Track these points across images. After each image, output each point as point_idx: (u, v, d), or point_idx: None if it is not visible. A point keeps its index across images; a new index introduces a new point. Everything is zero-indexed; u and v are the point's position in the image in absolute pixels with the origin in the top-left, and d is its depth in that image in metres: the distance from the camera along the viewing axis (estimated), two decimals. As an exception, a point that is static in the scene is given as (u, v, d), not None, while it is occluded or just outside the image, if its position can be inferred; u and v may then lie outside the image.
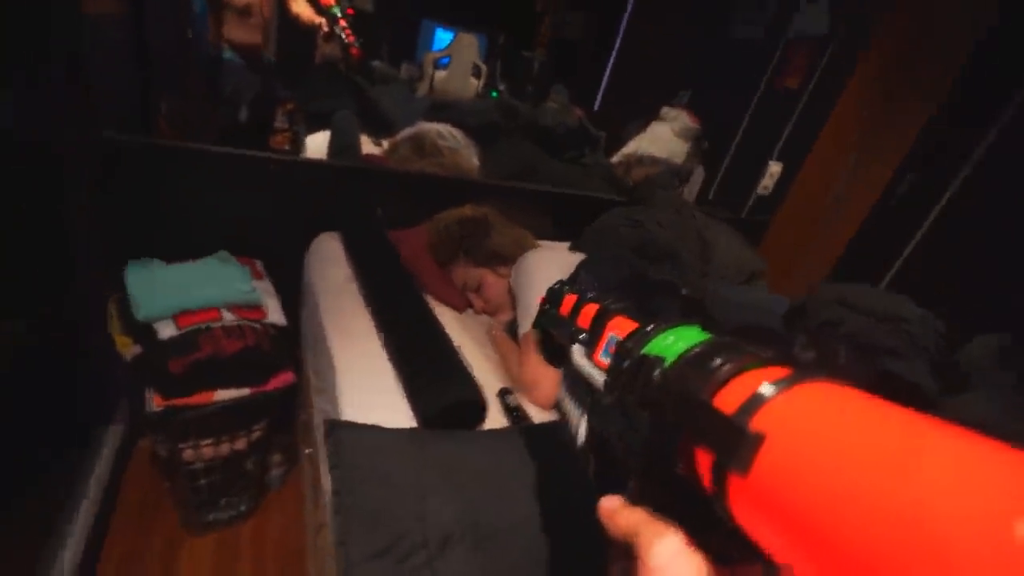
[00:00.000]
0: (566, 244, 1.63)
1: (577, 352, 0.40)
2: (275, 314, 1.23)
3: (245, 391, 1.14)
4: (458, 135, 1.98)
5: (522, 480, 0.70)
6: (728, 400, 0.23)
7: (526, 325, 1.02)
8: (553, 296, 0.51)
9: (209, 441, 1.18)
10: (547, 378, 0.98)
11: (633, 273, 1.07)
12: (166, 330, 1.07)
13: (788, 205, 2.19)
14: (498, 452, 0.72)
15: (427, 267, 1.24)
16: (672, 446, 0.26)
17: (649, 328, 0.32)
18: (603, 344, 0.38)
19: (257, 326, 1.17)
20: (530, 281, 1.07)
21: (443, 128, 1.98)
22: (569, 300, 0.48)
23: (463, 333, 1.15)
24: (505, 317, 1.18)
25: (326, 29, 2.29)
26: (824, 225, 2.22)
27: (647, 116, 3.03)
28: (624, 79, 4.10)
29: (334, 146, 1.78)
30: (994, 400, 0.88)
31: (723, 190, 3.10)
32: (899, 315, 1.08)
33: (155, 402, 1.04)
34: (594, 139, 2.44)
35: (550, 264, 1.10)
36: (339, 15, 2.24)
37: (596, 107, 4.18)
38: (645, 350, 0.30)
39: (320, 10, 2.31)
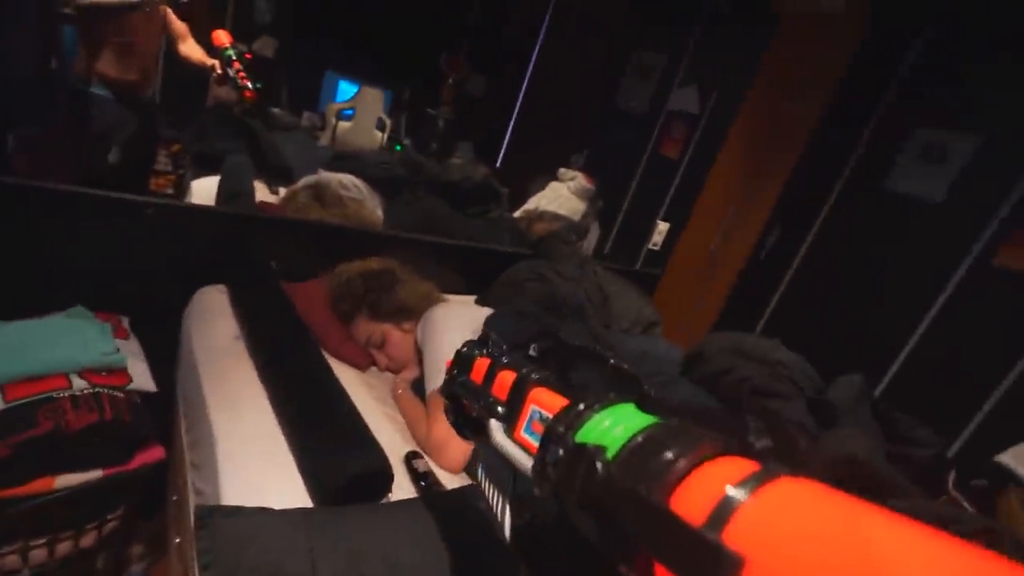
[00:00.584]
0: (472, 298, 1.63)
1: (496, 429, 0.36)
2: (142, 379, 1.07)
3: (98, 473, 0.96)
4: (361, 186, 1.94)
5: (435, 555, 0.65)
6: (690, 503, 0.21)
7: (433, 384, 0.98)
8: (463, 361, 0.47)
9: (43, 540, 0.96)
10: (456, 440, 0.93)
11: (541, 329, 1.08)
12: (-9, 404, 0.88)
13: (676, 259, 2.39)
14: (406, 526, 0.66)
15: (326, 322, 1.15)
16: (625, 555, 0.22)
17: (581, 408, 0.29)
18: (524, 419, 0.34)
19: (118, 394, 1.00)
20: (437, 337, 1.03)
21: (345, 178, 1.93)
22: (481, 365, 0.44)
23: (366, 393, 1.07)
24: (411, 375, 1.13)
25: (219, 71, 2.17)
26: (706, 277, 2.44)
27: (546, 176, 3.21)
28: (525, 139, 4.32)
29: (224, 192, 1.65)
30: (864, 434, 0.98)
31: (617, 245, 3.33)
32: (778, 360, 1.19)
33: (-32, 496, 0.84)
34: (498, 194, 2.51)
35: (457, 318, 1.08)
36: (233, 57, 2.13)
37: (498, 164, 4.35)
38: (580, 436, 0.27)
39: (213, 52, 2.19)
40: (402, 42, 4.02)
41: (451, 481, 0.90)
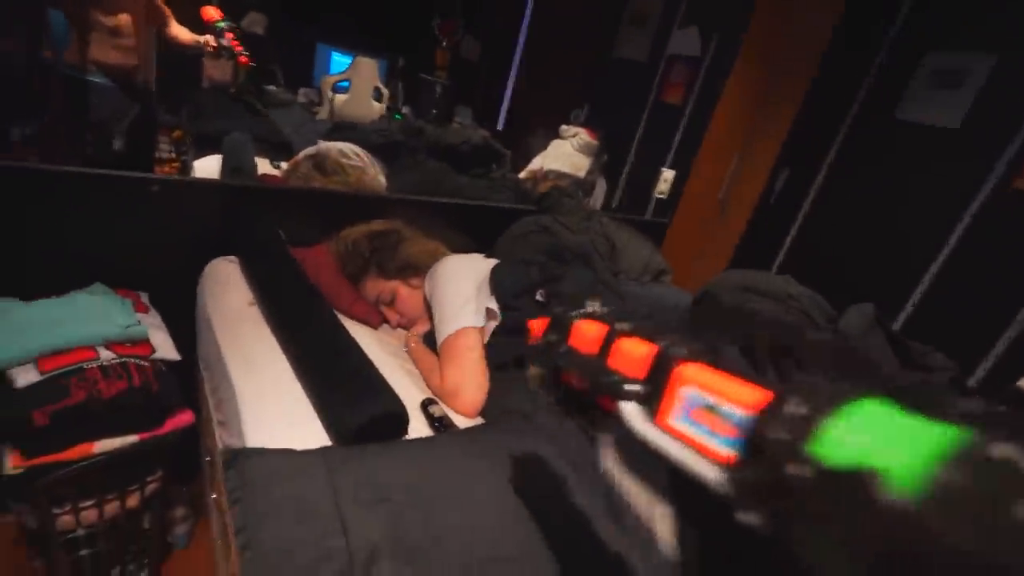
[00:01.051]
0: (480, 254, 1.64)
1: (633, 414, 0.29)
2: (165, 349, 1.11)
3: (133, 438, 1.01)
4: (362, 154, 1.94)
5: (450, 488, 0.68)
6: None
7: (444, 332, 1.00)
8: (559, 325, 0.38)
9: (91, 502, 1.03)
10: (471, 383, 0.96)
11: (547, 276, 1.09)
12: (25, 377, 0.92)
13: (683, 207, 2.36)
14: (422, 462, 0.69)
15: (335, 284, 1.18)
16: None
17: (803, 410, 0.21)
18: (675, 403, 0.28)
19: (144, 363, 1.05)
20: (443, 286, 1.05)
21: (345, 147, 1.93)
22: (586, 330, 0.35)
23: (380, 349, 1.10)
24: (422, 328, 1.15)
25: (213, 44, 2.16)
26: (716, 224, 2.42)
27: (548, 134, 3.16)
28: (524, 100, 4.25)
29: (227, 169, 1.67)
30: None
31: (625, 198, 3.29)
32: (789, 293, 1.19)
33: (11, 462, 0.89)
34: (500, 155, 2.49)
35: (464, 268, 1.09)
36: (225, 28, 2.13)
37: (500, 127, 4.29)
38: (823, 451, 0.19)
39: (205, 28, 2.18)
40: (393, 9, 3.93)
41: (467, 424, 0.93)
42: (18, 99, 1.98)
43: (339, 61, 3.83)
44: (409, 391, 0.99)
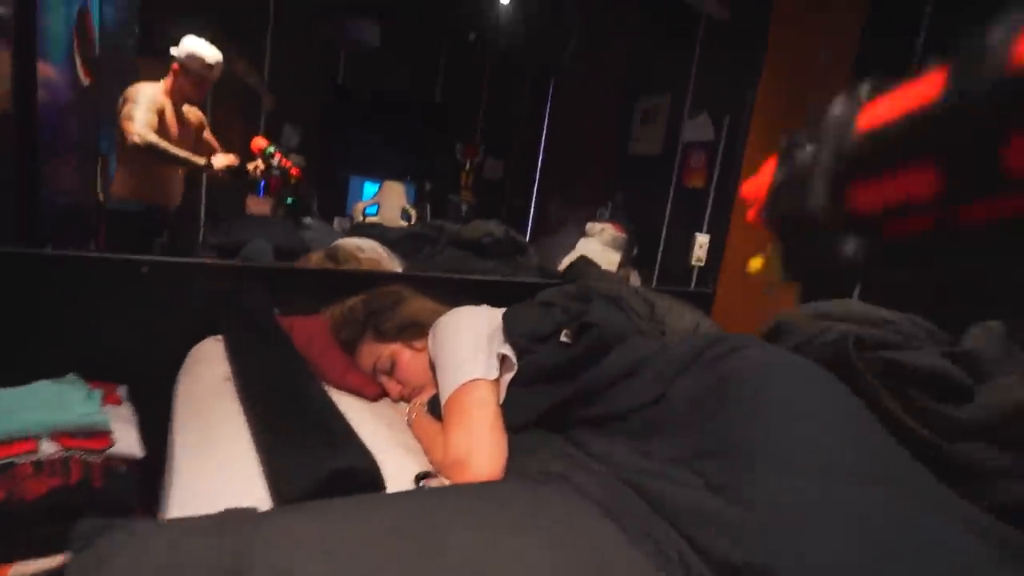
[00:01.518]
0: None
1: None
2: (126, 443, 0.93)
3: (59, 559, 0.79)
4: (379, 247, 1.89)
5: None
6: None
7: (449, 387, 0.80)
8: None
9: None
10: (482, 447, 0.73)
11: (568, 316, 0.90)
12: (-60, 473, 0.75)
13: (726, 277, 2.16)
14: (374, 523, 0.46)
15: (327, 353, 1.01)
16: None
17: None
18: None
19: (93, 458, 0.87)
20: (451, 337, 0.87)
21: (363, 241, 1.89)
22: None
23: (376, 422, 0.89)
24: (427, 396, 0.95)
25: (262, 168, 2.30)
26: (769, 286, 2.17)
27: (574, 234, 3.13)
28: (548, 208, 4.34)
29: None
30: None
31: (661, 285, 3.11)
32: (882, 317, 0.94)
33: None
34: (522, 247, 2.42)
35: (473, 316, 0.92)
36: (274, 151, 2.29)
37: (528, 239, 4.35)
38: None
39: (255, 156, 2.35)
40: (419, 139, 4.26)
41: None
42: (75, 231, 2.09)
43: (371, 189, 4.08)
44: (409, 471, 0.76)
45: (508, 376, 0.82)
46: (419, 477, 0.72)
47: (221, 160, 2.18)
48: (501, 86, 4.52)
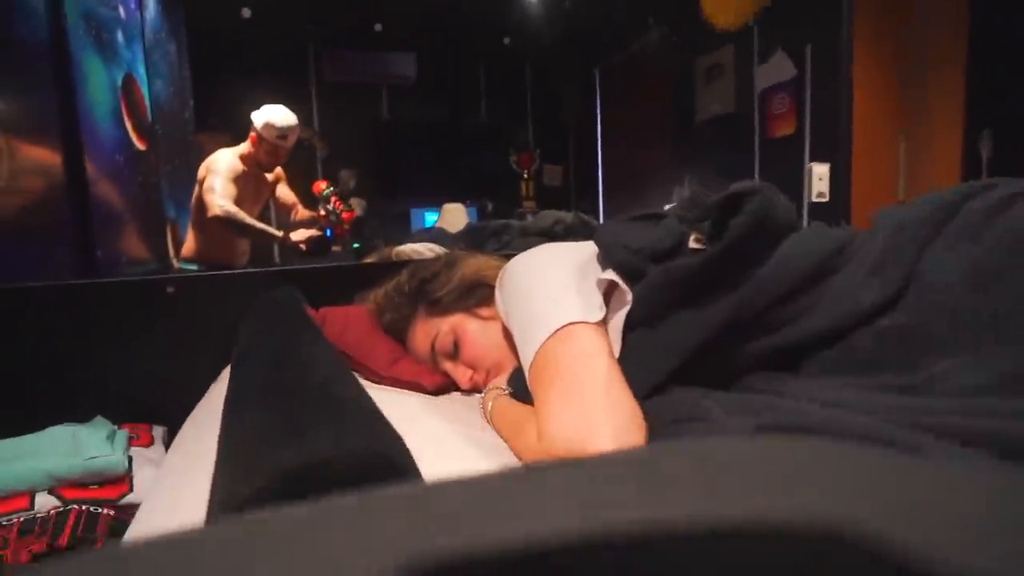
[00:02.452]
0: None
1: None
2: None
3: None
4: (437, 249, 1.68)
5: None
6: None
7: (533, 344, 0.52)
8: None
9: None
10: (602, 416, 0.45)
11: (694, 217, 0.61)
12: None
13: (857, 212, 1.73)
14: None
15: (367, 341, 0.78)
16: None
17: None
18: None
19: (102, 509, 0.67)
20: (527, 280, 0.60)
21: (420, 245, 1.69)
22: None
23: (437, 417, 0.64)
24: (504, 377, 0.68)
25: (322, 214, 2.27)
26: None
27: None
28: (619, 205, 4.03)
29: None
30: None
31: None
32: None
33: None
34: (595, 230, 2.13)
35: (555, 251, 0.65)
36: (330, 194, 2.26)
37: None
38: None
39: (314, 202, 2.33)
40: (472, 161, 4.14)
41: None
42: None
43: (432, 218, 4.00)
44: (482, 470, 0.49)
45: (620, 315, 0.53)
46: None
47: (300, 234, 2.12)
48: (545, 90, 4.35)
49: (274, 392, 0.37)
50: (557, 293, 0.56)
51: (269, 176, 2.14)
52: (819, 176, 1.64)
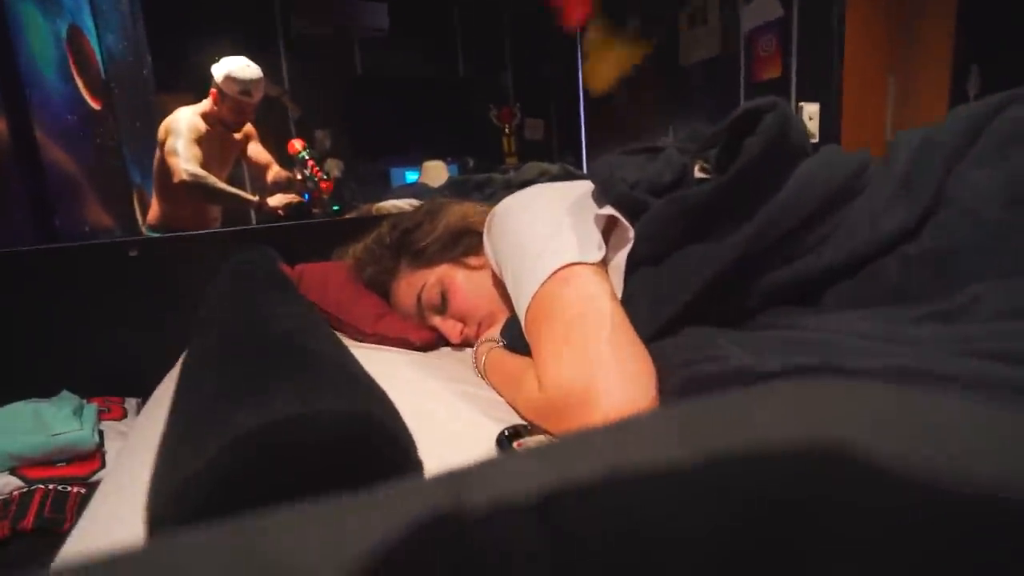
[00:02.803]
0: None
1: None
2: (121, 463, 0.70)
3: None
4: (417, 204, 1.62)
5: None
6: None
7: (529, 287, 0.48)
8: None
9: None
10: (608, 365, 0.41)
11: (697, 147, 0.56)
12: None
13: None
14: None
15: (347, 298, 0.73)
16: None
17: None
18: None
19: (70, 488, 0.63)
20: (518, 220, 0.55)
21: (401, 201, 1.63)
22: None
23: (426, 374, 0.59)
24: (497, 329, 0.63)
25: (299, 177, 2.11)
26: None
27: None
28: (604, 151, 3.93)
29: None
30: None
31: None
32: None
33: None
34: (581, 178, 2.07)
35: (546, 190, 0.59)
36: (307, 157, 2.08)
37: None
38: None
39: (288, 162, 2.17)
40: (450, 117, 3.99)
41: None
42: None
43: (412, 176, 3.88)
44: (481, 428, 0.45)
45: (621, 254, 0.49)
46: (505, 436, 0.41)
47: (278, 199, 1.97)
48: (525, 39, 4.16)
49: (231, 350, 0.32)
50: (551, 233, 0.51)
51: (237, 135, 2.00)
52: (809, 115, 1.59)
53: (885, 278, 0.41)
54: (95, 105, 1.98)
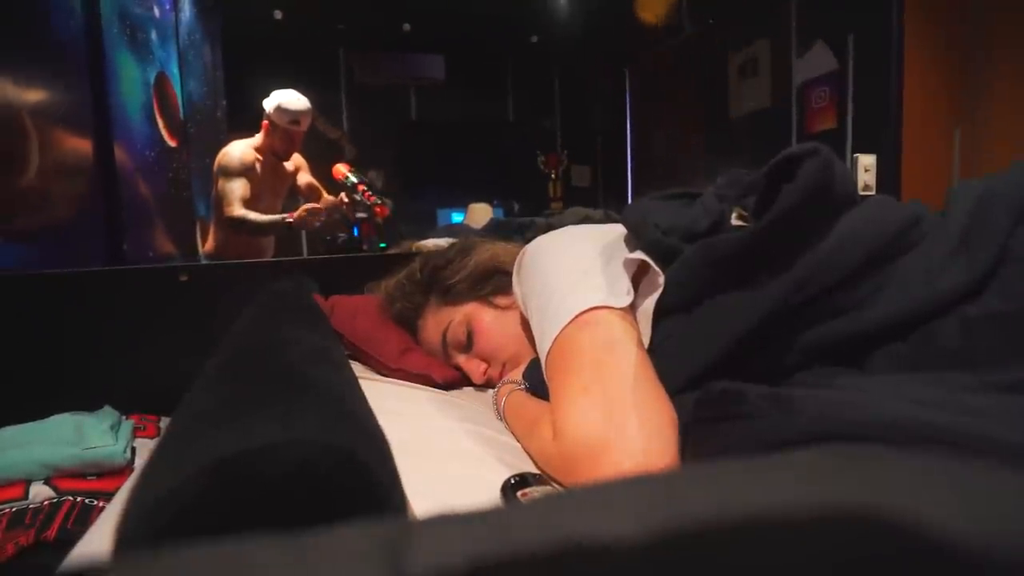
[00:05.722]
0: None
1: None
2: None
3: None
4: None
5: None
6: None
7: (551, 330, 0.46)
8: None
9: None
10: (626, 416, 0.38)
11: (733, 193, 0.54)
12: None
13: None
14: None
15: (376, 332, 0.73)
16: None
17: None
18: None
19: (96, 503, 0.64)
20: (546, 262, 0.54)
21: (441, 240, 1.65)
22: None
23: (443, 414, 0.58)
24: (520, 372, 0.62)
25: (346, 201, 2.11)
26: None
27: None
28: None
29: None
30: None
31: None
32: None
33: None
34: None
35: (576, 232, 0.59)
36: (356, 181, 2.05)
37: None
38: None
39: (337, 186, 2.20)
40: (499, 161, 4.10)
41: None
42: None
43: (458, 219, 3.97)
44: (490, 473, 0.43)
45: (650, 300, 0.47)
46: (511, 484, 0.39)
47: (300, 210, 2.05)
48: (574, 90, 4.28)
49: (235, 374, 0.32)
50: (579, 275, 0.50)
51: (288, 166, 2.09)
52: (865, 167, 1.53)
53: (942, 341, 0.37)
54: (172, 143, 2.15)
